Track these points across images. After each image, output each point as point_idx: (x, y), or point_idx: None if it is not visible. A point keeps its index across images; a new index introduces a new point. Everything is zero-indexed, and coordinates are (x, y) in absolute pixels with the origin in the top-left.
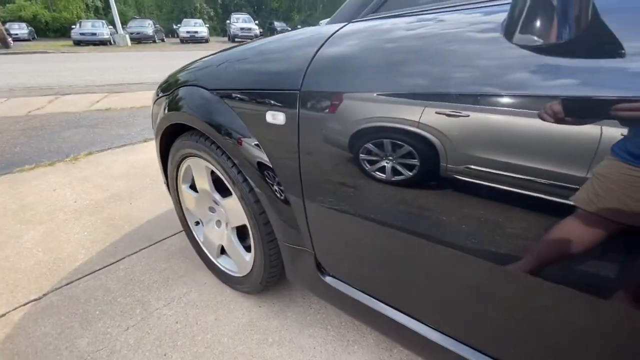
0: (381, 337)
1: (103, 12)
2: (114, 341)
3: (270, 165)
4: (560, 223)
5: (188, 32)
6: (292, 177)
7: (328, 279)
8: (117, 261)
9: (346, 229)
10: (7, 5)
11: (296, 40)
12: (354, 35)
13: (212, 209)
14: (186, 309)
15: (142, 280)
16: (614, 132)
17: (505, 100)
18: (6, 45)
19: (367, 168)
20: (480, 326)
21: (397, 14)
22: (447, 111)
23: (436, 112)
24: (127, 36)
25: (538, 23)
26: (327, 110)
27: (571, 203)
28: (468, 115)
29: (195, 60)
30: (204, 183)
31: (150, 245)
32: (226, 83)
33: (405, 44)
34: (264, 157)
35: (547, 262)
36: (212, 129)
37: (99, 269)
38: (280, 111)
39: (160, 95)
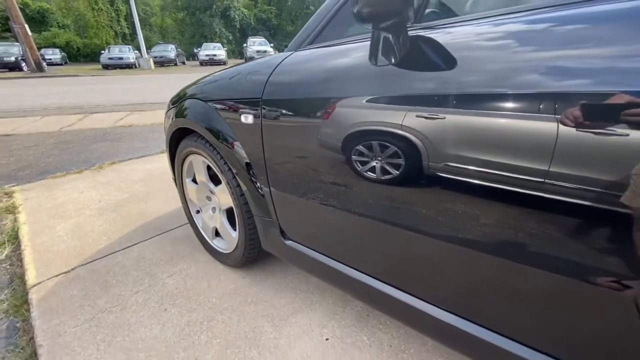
0: (339, 297)
1: (130, 38)
2: (126, 300)
3: (244, 153)
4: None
5: (207, 55)
6: (259, 162)
7: (288, 242)
8: (132, 245)
9: (298, 202)
10: (43, 32)
11: (261, 63)
12: (295, 60)
13: (208, 198)
14: (185, 279)
15: (151, 259)
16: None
17: (374, 103)
18: (41, 69)
19: (308, 153)
20: (417, 276)
21: (325, 45)
22: (344, 108)
23: (340, 107)
24: (151, 60)
25: (387, 52)
26: (281, 111)
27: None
28: (361, 113)
29: (197, 80)
30: (201, 176)
31: (160, 234)
32: (215, 95)
33: (325, 65)
34: (241, 151)
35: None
36: (207, 131)
37: (117, 251)
38: (250, 114)
39: (171, 107)
